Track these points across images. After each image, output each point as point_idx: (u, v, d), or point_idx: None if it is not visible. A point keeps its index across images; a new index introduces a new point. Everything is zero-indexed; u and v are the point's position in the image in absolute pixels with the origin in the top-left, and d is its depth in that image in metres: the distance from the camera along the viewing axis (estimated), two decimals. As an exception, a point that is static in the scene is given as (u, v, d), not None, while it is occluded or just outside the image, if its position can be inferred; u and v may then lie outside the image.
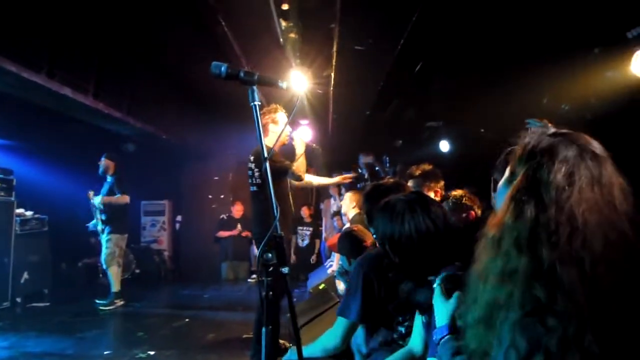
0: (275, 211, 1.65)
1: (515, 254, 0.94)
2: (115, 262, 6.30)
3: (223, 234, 8.98)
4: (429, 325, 1.53)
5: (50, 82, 4.93)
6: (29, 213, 6.71)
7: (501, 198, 1.05)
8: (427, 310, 1.54)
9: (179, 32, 5.55)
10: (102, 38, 5.66)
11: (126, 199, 6.35)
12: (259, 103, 1.72)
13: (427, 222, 1.58)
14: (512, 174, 1.05)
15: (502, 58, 5.86)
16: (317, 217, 9.08)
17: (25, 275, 6.44)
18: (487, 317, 0.98)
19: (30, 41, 4.67)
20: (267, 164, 1.68)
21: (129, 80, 6.60)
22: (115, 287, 6.26)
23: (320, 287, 5.67)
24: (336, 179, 4.84)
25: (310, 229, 8.81)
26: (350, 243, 2.93)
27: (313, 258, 8.58)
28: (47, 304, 6.44)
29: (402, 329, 2.06)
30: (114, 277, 6.27)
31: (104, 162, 6.41)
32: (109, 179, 6.42)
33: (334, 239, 3.61)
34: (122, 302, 6.27)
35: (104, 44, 5.77)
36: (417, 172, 3.42)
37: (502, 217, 0.99)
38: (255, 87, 1.72)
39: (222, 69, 1.71)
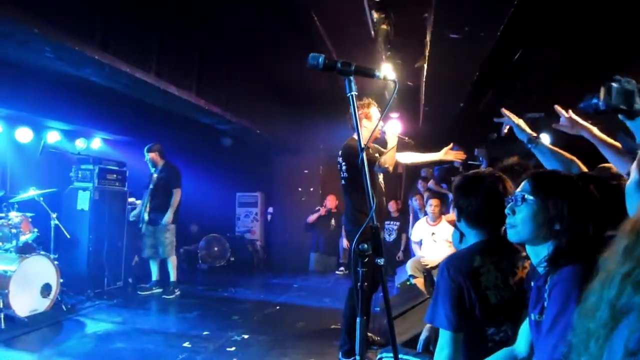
0: (371, 202, 1.63)
1: None
2: (174, 252, 6.52)
3: (311, 218, 9.22)
4: (538, 325, 1.41)
5: (159, 81, 5.27)
6: (139, 202, 7.30)
7: (635, 199, 0.92)
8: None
9: (273, 30, 5.72)
10: (201, 37, 6.00)
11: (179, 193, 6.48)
12: (356, 94, 1.72)
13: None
14: None
15: (613, 44, 5.31)
16: (405, 212, 8.92)
17: (136, 259, 7.05)
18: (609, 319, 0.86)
19: (140, 43, 5.03)
20: (364, 155, 1.67)
21: (225, 77, 6.94)
22: (174, 276, 6.43)
23: (408, 283, 5.58)
24: (449, 156, 4.08)
25: (398, 223, 8.67)
26: None
27: (399, 255, 8.39)
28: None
29: (497, 337, 1.89)
30: (174, 267, 6.45)
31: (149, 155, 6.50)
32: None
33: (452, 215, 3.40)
34: (179, 292, 6.39)
35: (203, 43, 6.12)
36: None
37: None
38: (352, 78, 1.71)
39: (320, 60, 1.71)
